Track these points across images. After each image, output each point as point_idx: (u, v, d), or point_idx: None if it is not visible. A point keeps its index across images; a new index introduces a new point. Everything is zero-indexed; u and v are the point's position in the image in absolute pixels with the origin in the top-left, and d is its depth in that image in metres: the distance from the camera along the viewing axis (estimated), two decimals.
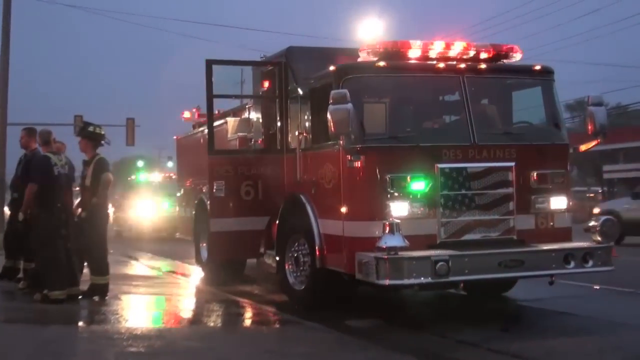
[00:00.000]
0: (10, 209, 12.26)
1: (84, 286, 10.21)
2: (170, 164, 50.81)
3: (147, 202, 27.41)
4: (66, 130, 31.35)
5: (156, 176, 31.10)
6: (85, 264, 10.35)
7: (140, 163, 52.96)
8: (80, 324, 8.92)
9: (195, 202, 14.18)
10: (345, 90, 8.62)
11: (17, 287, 10.89)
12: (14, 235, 11.17)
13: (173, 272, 15.35)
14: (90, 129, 10.33)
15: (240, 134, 12.67)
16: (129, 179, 32.52)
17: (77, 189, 10.81)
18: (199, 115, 15.82)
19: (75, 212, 10.18)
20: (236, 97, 13.87)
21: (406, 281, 8.13)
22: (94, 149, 10.31)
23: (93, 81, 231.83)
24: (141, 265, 16.54)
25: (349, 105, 8.47)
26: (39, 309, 9.33)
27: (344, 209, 8.95)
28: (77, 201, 10.45)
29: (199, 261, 14.23)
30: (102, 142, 10.41)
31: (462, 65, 9.50)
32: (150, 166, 50.17)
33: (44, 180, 9.70)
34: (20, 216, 9.99)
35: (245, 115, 13.17)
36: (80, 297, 10.01)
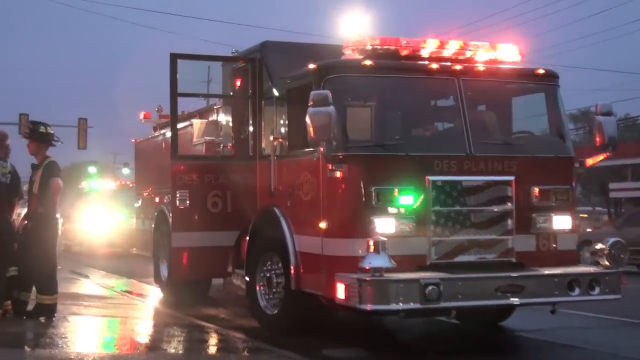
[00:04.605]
0: None
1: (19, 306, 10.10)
2: (126, 170, 50.68)
3: (100, 213, 27.25)
4: (9, 130, 31.07)
5: (110, 184, 30.94)
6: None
7: (92, 169, 52.72)
8: (24, 347, 8.81)
9: (155, 213, 14.12)
10: (327, 91, 8.62)
11: None
12: None
13: (129, 292, 15.25)
14: (42, 129, 10.26)
15: (208, 137, 12.66)
16: (79, 186, 32.32)
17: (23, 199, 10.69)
18: (161, 116, 15.79)
19: (21, 223, 10.08)
20: (204, 96, 13.90)
21: (392, 306, 8.13)
22: (44, 151, 10.24)
23: (39, 75, 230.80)
24: (93, 284, 16.42)
25: (331, 108, 8.47)
26: None
27: (323, 225, 8.94)
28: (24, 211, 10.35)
29: (158, 280, 14.15)
30: (54, 142, 10.34)
31: (458, 67, 9.53)
32: (103, 173, 49.99)
33: None
34: None
35: (213, 117, 13.17)
36: (24, 317, 9.93)
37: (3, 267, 9.78)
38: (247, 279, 10.51)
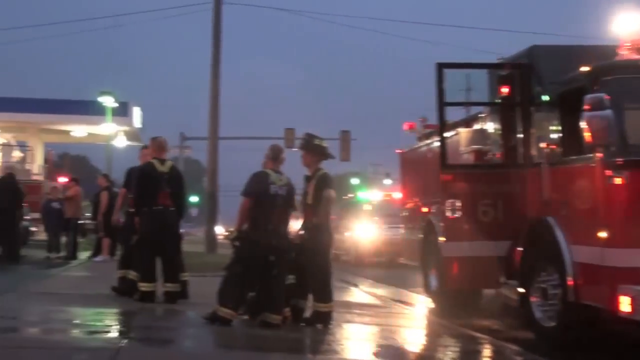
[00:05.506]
0: None
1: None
2: (387, 181, 51.46)
3: (367, 223, 27.85)
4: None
5: (376, 195, 31.54)
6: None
7: (355, 180, 54.03)
8: (305, 353, 9.10)
9: (423, 223, 14.16)
10: (603, 94, 8.33)
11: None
12: None
13: (398, 301, 15.39)
14: (316, 141, 10.57)
15: (475, 146, 12.52)
16: (345, 197, 33.25)
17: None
18: (425, 127, 15.87)
19: (296, 233, 10.45)
20: (471, 104, 13.73)
21: None
22: (317, 163, 10.53)
23: (302, 90, 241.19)
24: (362, 293, 16.73)
25: (608, 112, 8.19)
26: (258, 335, 9.65)
27: (602, 234, 8.57)
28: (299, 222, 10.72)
29: (427, 290, 14.19)
30: (326, 156, 10.63)
31: None
32: (367, 183, 51.06)
33: (257, 196, 10.03)
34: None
35: (479, 125, 13.03)
36: (302, 324, 10.29)
37: (283, 276, 10.20)
38: (521, 290, 10.26)
